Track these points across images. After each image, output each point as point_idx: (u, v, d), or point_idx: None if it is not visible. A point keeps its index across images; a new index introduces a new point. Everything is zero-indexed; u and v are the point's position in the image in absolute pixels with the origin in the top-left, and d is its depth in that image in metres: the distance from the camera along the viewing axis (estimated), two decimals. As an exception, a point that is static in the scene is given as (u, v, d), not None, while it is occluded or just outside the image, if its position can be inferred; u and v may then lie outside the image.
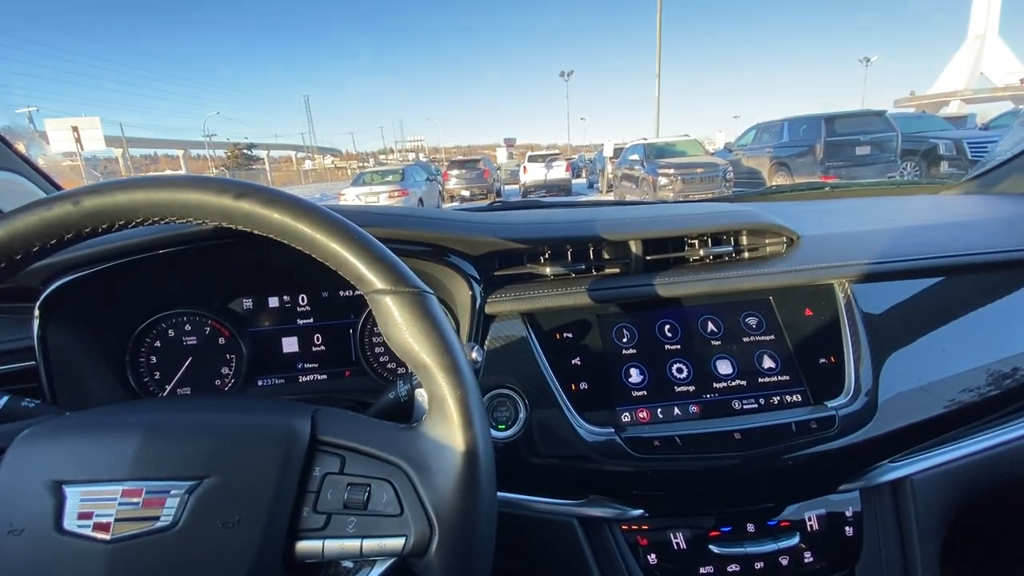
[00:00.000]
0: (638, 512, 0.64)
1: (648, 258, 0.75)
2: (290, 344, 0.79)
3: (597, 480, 0.64)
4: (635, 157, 11.31)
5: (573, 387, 0.66)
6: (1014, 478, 0.68)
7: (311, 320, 0.79)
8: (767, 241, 0.78)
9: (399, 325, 0.41)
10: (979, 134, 9.34)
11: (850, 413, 0.63)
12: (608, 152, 15.35)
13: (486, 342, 0.67)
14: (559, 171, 15.35)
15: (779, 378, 0.67)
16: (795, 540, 0.65)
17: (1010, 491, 0.68)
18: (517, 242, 0.71)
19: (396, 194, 11.10)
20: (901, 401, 0.66)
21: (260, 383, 0.79)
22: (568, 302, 0.70)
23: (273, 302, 0.79)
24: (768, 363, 0.68)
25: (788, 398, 0.65)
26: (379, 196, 10.89)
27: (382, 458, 0.41)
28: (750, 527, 0.66)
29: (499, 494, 0.65)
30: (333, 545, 0.39)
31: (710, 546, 0.65)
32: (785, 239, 0.78)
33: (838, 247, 0.76)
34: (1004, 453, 0.67)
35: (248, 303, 0.78)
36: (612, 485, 0.65)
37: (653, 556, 0.65)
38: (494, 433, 0.63)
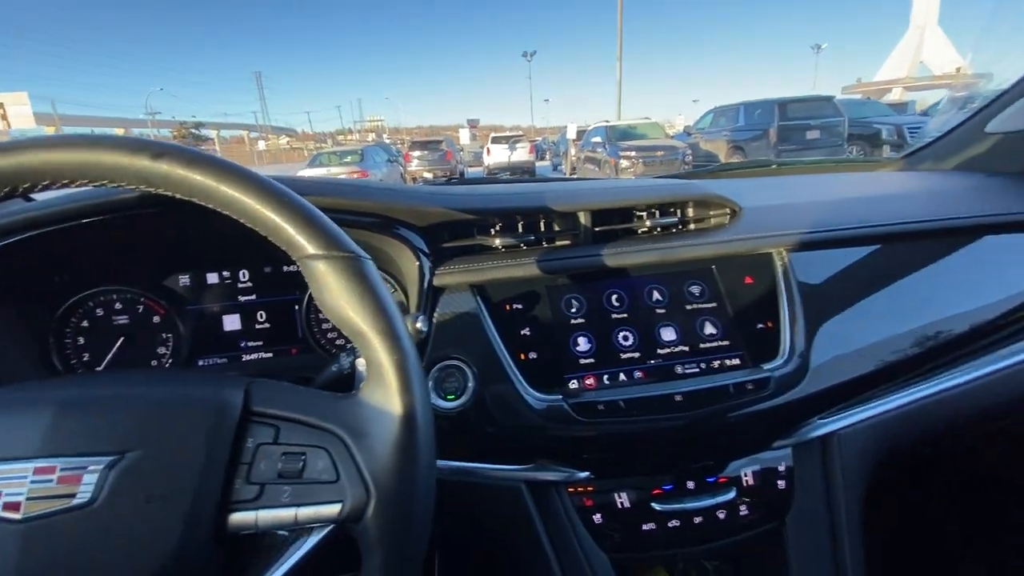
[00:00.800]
0: (584, 474, 0.66)
1: (597, 229, 0.76)
2: (232, 322, 0.76)
3: (545, 445, 0.66)
4: (598, 140, 11.39)
5: (523, 356, 0.67)
6: (927, 431, 0.73)
7: (254, 296, 0.76)
8: (712, 213, 0.81)
9: (333, 291, 0.40)
10: (918, 119, 9.88)
11: (784, 375, 0.66)
12: (571, 134, 15.37)
13: (435, 314, 0.67)
14: (523, 153, 15.28)
15: (719, 343, 0.69)
16: (732, 495, 0.69)
17: (922, 444, 0.74)
18: (466, 213, 0.70)
19: (355, 175, 10.79)
20: (831, 362, 0.70)
21: (201, 363, 0.76)
22: (518, 273, 0.70)
23: (212, 278, 0.75)
24: (709, 329, 0.70)
25: (727, 362, 0.68)
26: (338, 178, 10.60)
27: (318, 426, 0.40)
28: (690, 484, 0.69)
29: (448, 463, 0.66)
30: (267, 515, 0.38)
31: (652, 504, 0.68)
32: (728, 210, 0.80)
33: (778, 218, 0.79)
34: (920, 408, 0.72)
35: (185, 279, 0.74)
36: (559, 449, 0.66)
37: (598, 516, 0.67)
38: (443, 403, 0.63)
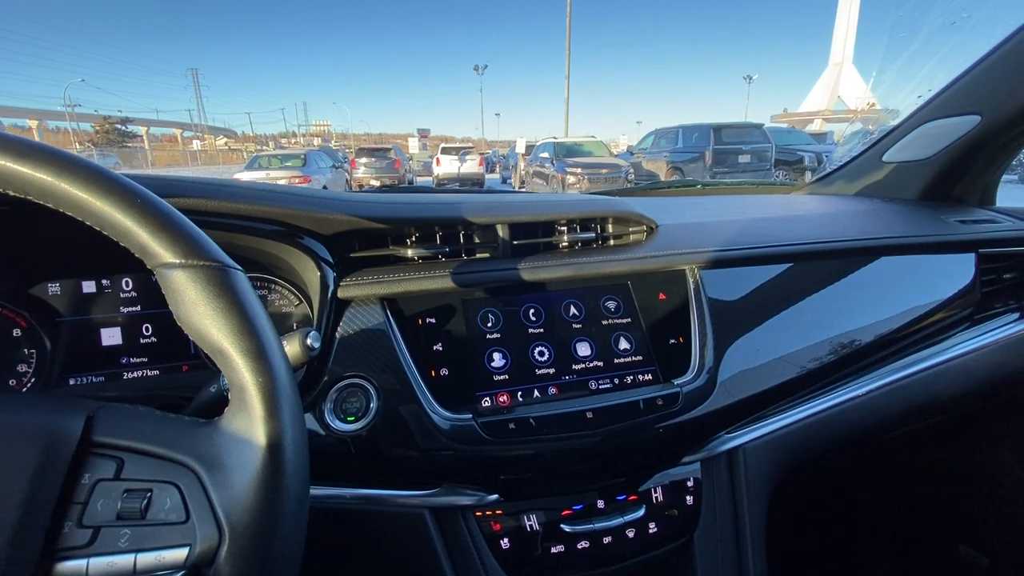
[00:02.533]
0: (493, 497, 0.64)
1: (516, 243, 0.74)
2: (111, 336, 0.68)
3: (454, 467, 0.63)
4: (546, 155, 11.60)
5: (433, 373, 0.64)
6: (827, 442, 0.77)
7: (137, 308, 0.69)
8: (631, 230, 0.82)
9: (192, 305, 0.36)
10: (834, 148, 10.77)
11: (693, 389, 0.67)
12: (520, 149, 15.56)
13: (338, 329, 0.63)
14: (473, 165, 15.30)
15: (633, 358, 0.69)
16: (641, 512, 0.69)
17: (820, 453, 0.78)
18: (377, 222, 0.67)
19: (297, 180, 10.37)
20: (738, 377, 0.72)
21: (72, 382, 0.67)
22: (432, 286, 0.67)
23: (88, 287, 0.67)
24: (624, 344, 0.70)
25: (640, 377, 0.68)
26: (277, 183, 10.13)
27: (167, 457, 0.35)
28: (600, 503, 0.69)
29: (346, 490, 0.61)
30: (100, 564, 0.33)
31: (562, 525, 0.66)
32: (646, 228, 0.81)
33: (692, 236, 0.81)
34: (821, 420, 0.75)
35: (55, 288, 0.66)
36: (469, 471, 0.64)
37: (506, 540, 0.65)
38: (342, 426, 0.59)
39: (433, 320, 0.67)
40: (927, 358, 0.84)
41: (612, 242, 0.81)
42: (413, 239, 0.72)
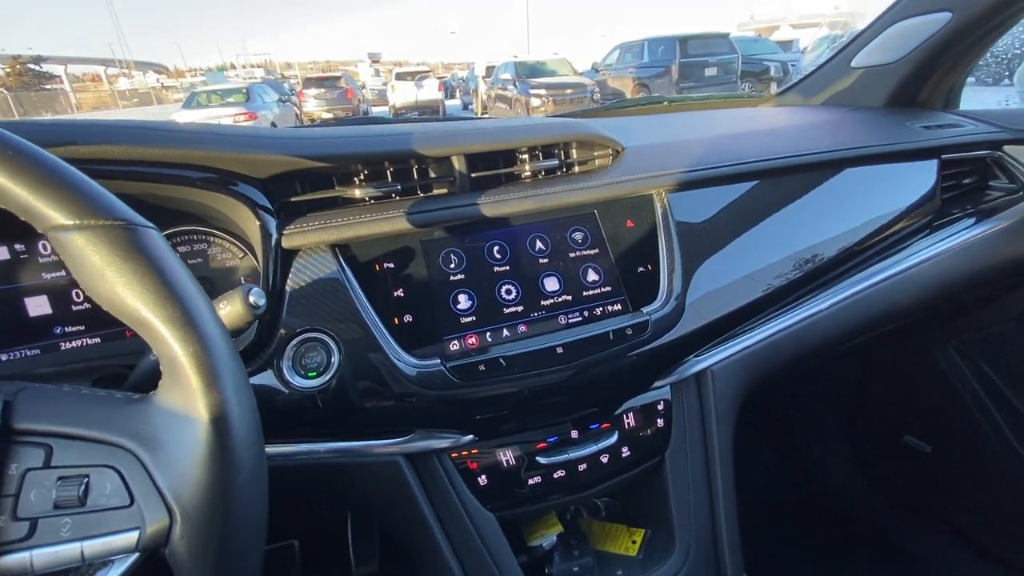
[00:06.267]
0: (468, 438, 0.64)
1: (475, 175, 0.70)
2: (38, 305, 0.62)
3: (425, 413, 0.62)
4: (507, 76, 11.01)
5: (396, 321, 0.61)
6: (789, 356, 0.79)
7: (62, 272, 0.62)
8: (596, 154, 0.77)
9: (96, 272, 0.31)
10: (801, 57, 10.58)
11: (662, 317, 0.67)
12: (480, 71, 14.71)
13: (288, 281, 0.58)
14: (431, 90, 14.40)
15: (602, 290, 0.68)
16: (614, 439, 0.71)
17: (784, 368, 0.80)
18: (315, 160, 0.61)
19: (242, 118, 9.63)
20: (706, 300, 0.72)
21: (4, 357, 0.62)
22: (387, 228, 0.63)
23: (1, 253, 0.61)
24: (592, 276, 0.68)
25: (610, 308, 0.67)
26: (220, 121, 9.35)
27: (100, 440, 0.32)
28: (574, 434, 0.70)
29: (317, 445, 0.60)
30: (45, 555, 0.31)
31: (537, 458, 0.67)
32: (611, 151, 0.77)
33: (658, 157, 0.78)
34: (785, 336, 0.77)
35: None
36: (440, 416, 0.63)
37: (483, 477, 0.66)
38: (304, 383, 0.56)
39: (391, 265, 0.63)
40: (887, 268, 0.85)
41: (577, 169, 0.77)
42: (361, 178, 0.66)
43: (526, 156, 0.73)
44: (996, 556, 1.19)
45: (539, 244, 0.69)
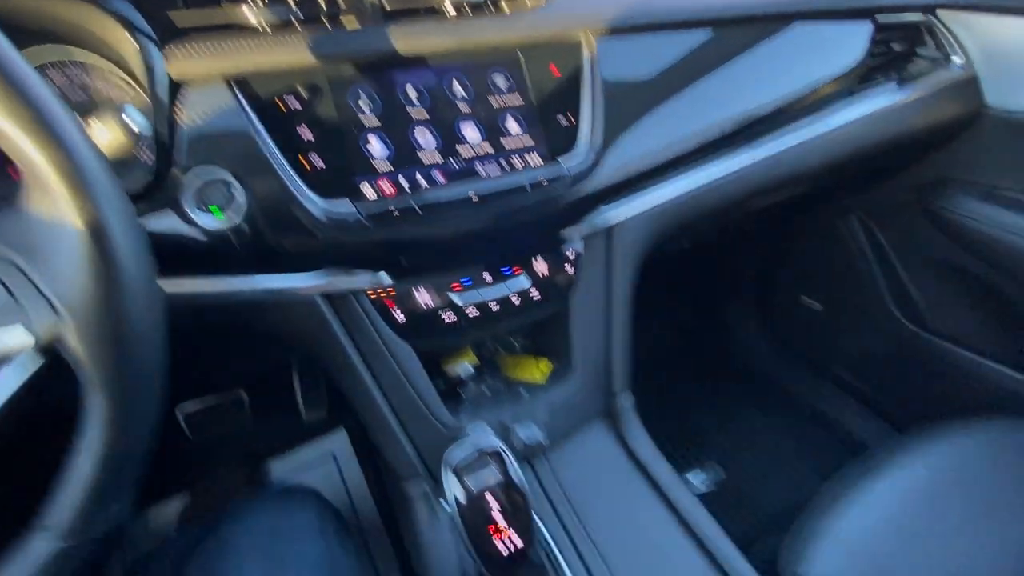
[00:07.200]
0: (383, 278, 0.67)
1: (390, 8, 0.63)
2: None
3: (338, 255, 0.63)
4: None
5: (305, 163, 0.59)
6: (696, 214, 0.84)
7: None
8: None
9: None
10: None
11: (579, 170, 0.68)
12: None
13: (178, 114, 0.54)
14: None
15: (521, 140, 0.67)
16: (526, 283, 0.75)
17: (690, 225, 0.86)
18: None
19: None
20: (625, 155, 0.73)
21: None
22: (288, 61, 0.58)
23: None
24: (512, 124, 0.67)
25: (528, 157, 0.67)
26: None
27: None
28: (487, 277, 0.74)
29: (230, 279, 0.61)
30: None
31: (452, 297, 0.72)
32: None
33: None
34: (695, 195, 0.81)
35: None
36: (354, 258, 0.65)
37: (400, 314, 0.70)
38: (207, 221, 0.55)
39: (297, 104, 0.59)
40: (803, 132, 0.88)
41: (505, 6, 0.71)
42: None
43: None
44: (875, 405, 1.42)
45: (458, 87, 0.65)
